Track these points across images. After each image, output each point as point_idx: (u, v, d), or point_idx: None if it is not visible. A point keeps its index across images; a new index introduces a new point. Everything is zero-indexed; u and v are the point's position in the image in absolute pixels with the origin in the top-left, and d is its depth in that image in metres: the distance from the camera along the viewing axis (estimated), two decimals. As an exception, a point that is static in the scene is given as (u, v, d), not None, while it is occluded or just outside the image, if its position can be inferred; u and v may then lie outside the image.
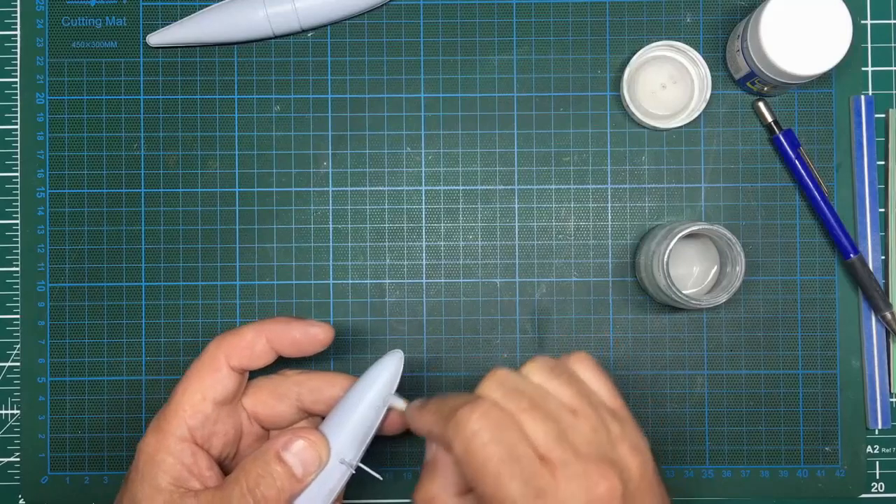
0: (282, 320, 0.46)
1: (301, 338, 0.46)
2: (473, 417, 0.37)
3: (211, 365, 0.45)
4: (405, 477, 0.55)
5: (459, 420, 0.38)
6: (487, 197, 0.55)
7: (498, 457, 0.37)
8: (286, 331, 0.45)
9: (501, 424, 0.37)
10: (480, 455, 0.37)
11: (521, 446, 0.37)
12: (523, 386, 0.40)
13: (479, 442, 0.37)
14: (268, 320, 0.46)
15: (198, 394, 0.44)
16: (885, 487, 0.55)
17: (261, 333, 0.45)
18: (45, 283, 0.55)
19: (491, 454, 0.37)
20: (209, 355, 0.45)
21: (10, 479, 0.55)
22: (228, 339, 0.45)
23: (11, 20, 0.56)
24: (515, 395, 0.39)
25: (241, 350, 0.45)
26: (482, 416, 0.38)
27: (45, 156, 0.55)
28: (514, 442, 0.37)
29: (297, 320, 0.46)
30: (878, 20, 0.56)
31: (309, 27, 0.54)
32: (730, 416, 0.55)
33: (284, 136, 0.55)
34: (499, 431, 0.37)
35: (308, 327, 0.46)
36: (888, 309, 0.54)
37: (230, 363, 0.45)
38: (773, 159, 0.55)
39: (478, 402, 0.38)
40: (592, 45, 0.55)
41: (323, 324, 0.46)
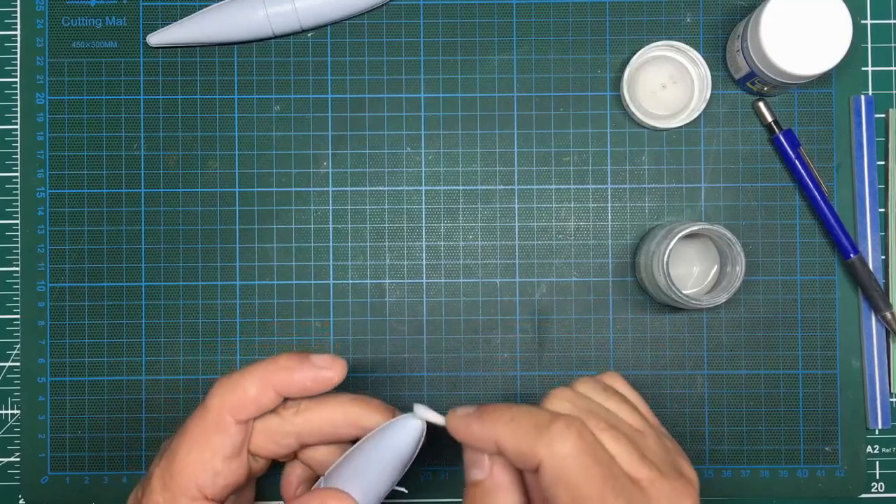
0: (288, 364, 0.42)
1: (312, 385, 0.42)
2: (571, 436, 0.36)
3: (217, 425, 0.42)
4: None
5: (555, 439, 0.36)
6: (487, 197, 0.55)
7: (599, 478, 0.35)
8: (295, 379, 0.42)
9: (596, 443, 0.37)
10: (581, 478, 0.35)
11: (615, 465, 0.37)
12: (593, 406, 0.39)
13: (580, 463, 0.36)
14: (272, 364, 0.42)
15: (206, 453, 0.41)
16: (885, 487, 0.55)
17: (267, 384, 0.42)
18: (45, 283, 0.55)
19: (593, 475, 0.35)
20: (214, 414, 0.42)
21: (10, 479, 0.55)
22: (233, 396, 0.42)
23: (11, 20, 0.56)
24: (592, 416, 0.38)
25: (248, 406, 0.42)
26: (579, 436, 0.36)
27: (45, 156, 0.55)
28: (608, 461, 0.36)
29: (305, 361, 0.42)
30: (878, 20, 0.56)
31: (309, 27, 0.54)
32: (730, 416, 0.55)
33: (284, 136, 0.55)
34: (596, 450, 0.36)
35: (319, 371, 0.42)
36: (888, 309, 0.54)
37: (237, 419, 0.42)
38: (773, 159, 0.55)
39: (570, 420, 0.37)
40: (592, 45, 0.55)
41: (335, 362, 0.42)
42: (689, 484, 0.38)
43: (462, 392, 0.55)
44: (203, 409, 0.42)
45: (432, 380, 0.55)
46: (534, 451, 0.36)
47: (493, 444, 0.38)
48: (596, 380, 0.42)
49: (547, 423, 0.37)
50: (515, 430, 0.37)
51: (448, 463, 0.55)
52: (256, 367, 0.42)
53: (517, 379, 0.55)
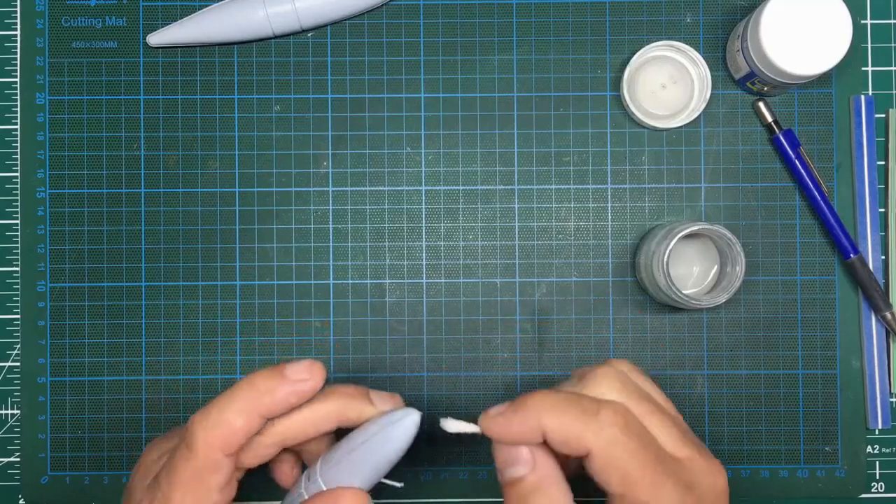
0: (267, 386, 0.40)
1: (296, 400, 0.41)
2: (619, 422, 0.37)
3: (209, 465, 0.40)
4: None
5: (604, 424, 0.36)
6: (487, 197, 0.55)
7: (649, 461, 0.36)
8: (278, 400, 0.40)
9: (642, 428, 0.38)
10: (631, 462, 0.36)
11: (660, 448, 0.38)
12: (640, 389, 0.40)
13: (629, 448, 0.36)
14: (250, 391, 0.40)
15: (201, 492, 0.40)
16: (885, 487, 0.55)
17: (252, 413, 0.40)
18: (45, 283, 0.55)
19: (642, 461, 0.36)
20: (203, 455, 0.40)
21: (10, 479, 0.55)
22: (219, 432, 0.40)
23: (11, 20, 0.56)
24: (641, 399, 0.39)
25: (237, 439, 0.40)
26: (625, 422, 0.37)
27: (45, 156, 0.55)
28: (655, 444, 0.38)
29: (282, 379, 0.41)
30: (878, 20, 0.56)
31: (309, 27, 0.54)
32: (730, 416, 0.55)
33: (284, 136, 0.55)
34: (643, 435, 0.37)
35: (297, 385, 0.41)
36: (888, 309, 0.54)
37: (227, 453, 0.40)
38: (773, 159, 0.55)
39: (616, 406, 0.37)
40: (592, 45, 0.55)
41: (312, 370, 0.41)
42: (719, 463, 0.39)
43: (462, 392, 0.55)
44: (189, 451, 0.40)
45: (432, 380, 0.55)
46: (583, 438, 0.36)
47: (538, 433, 0.37)
48: (624, 363, 0.42)
49: (595, 409, 0.37)
50: (561, 417, 0.37)
51: (448, 463, 0.55)
52: (235, 396, 0.40)
53: (517, 379, 0.55)
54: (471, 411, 0.54)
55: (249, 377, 0.41)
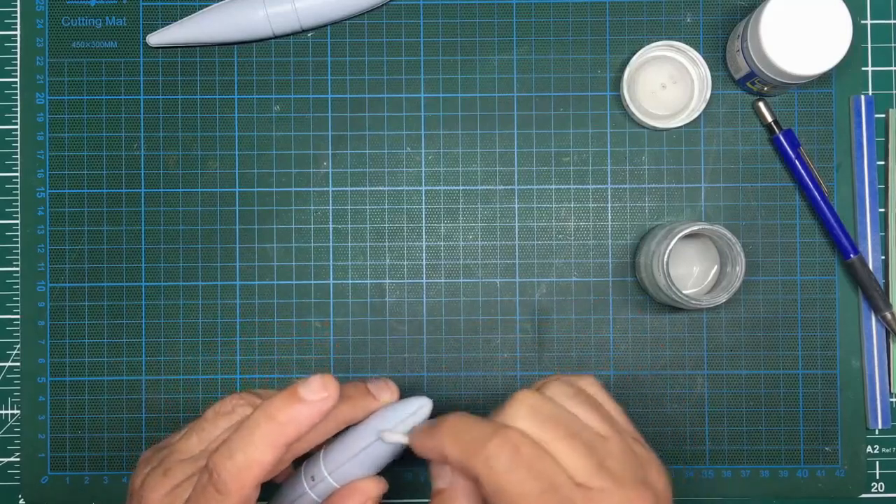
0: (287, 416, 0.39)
1: (319, 418, 0.40)
2: (505, 452, 0.36)
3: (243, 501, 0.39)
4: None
5: (490, 455, 0.36)
6: (487, 197, 0.55)
7: (536, 491, 0.36)
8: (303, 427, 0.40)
9: (535, 456, 0.37)
10: (517, 491, 0.36)
11: (559, 477, 0.36)
12: (557, 413, 0.39)
13: (515, 478, 0.36)
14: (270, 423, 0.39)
15: None
16: (885, 487, 0.55)
17: (278, 446, 0.39)
18: (45, 283, 0.55)
19: (528, 490, 0.36)
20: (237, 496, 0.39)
21: (10, 479, 0.55)
22: (251, 472, 0.39)
23: (11, 20, 0.56)
24: (550, 424, 0.38)
25: (269, 472, 0.40)
26: (514, 451, 0.36)
27: (45, 156, 0.55)
28: (550, 473, 0.36)
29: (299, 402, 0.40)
30: (878, 20, 0.56)
31: (309, 27, 0.54)
32: (730, 416, 0.55)
33: (284, 136, 0.55)
34: (534, 464, 0.36)
35: (317, 405, 0.40)
36: (888, 309, 0.54)
37: (257, 486, 0.40)
38: (773, 159, 0.55)
39: (508, 435, 0.37)
40: (592, 45, 0.55)
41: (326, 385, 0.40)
42: (650, 492, 0.38)
43: (462, 392, 0.55)
44: (220, 494, 0.39)
45: (432, 380, 0.55)
46: (472, 466, 0.37)
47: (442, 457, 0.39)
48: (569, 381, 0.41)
49: (486, 438, 0.37)
50: (457, 444, 0.38)
51: (448, 463, 0.55)
52: (258, 431, 0.39)
53: (517, 379, 0.55)
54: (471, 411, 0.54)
55: (266, 408, 0.40)
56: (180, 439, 0.45)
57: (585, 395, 0.41)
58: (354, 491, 0.43)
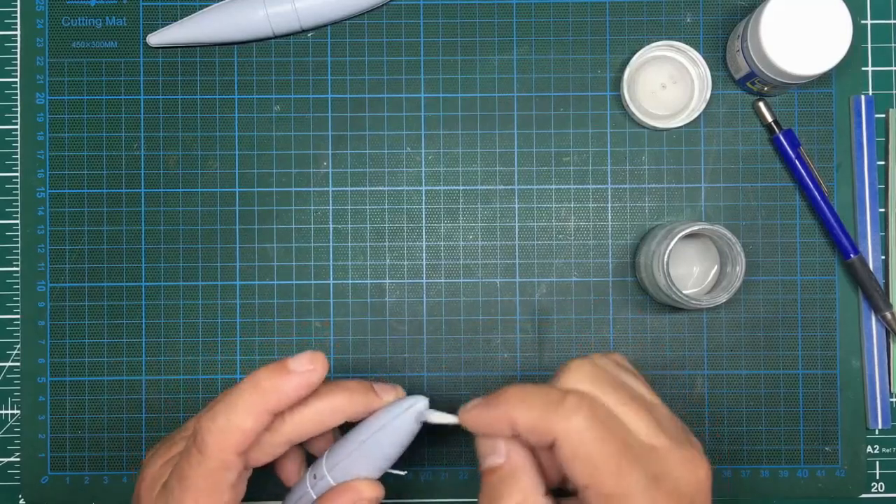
0: (272, 383, 0.40)
1: (304, 391, 0.41)
2: (583, 412, 0.37)
3: (223, 467, 0.40)
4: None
5: (568, 415, 0.37)
6: (487, 197, 0.55)
7: (614, 450, 0.36)
8: (286, 394, 0.40)
9: (609, 417, 0.38)
10: (596, 451, 0.36)
11: (630, 436, 0.38)
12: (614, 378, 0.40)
13: (595, 436, 0.37)
14: (256, 390, 0.40)
15: (215, 495, 0.40)
16: (885, 487, 0.55)
17: (261, 412, 0.40)
18: (45, 283, 0.55)
19: (607, 449, 0.36)
20: (216, 458, 0.40)
21: (10, 479, 0.55)
22: (230, 436, 0.40)
23: (11, 20, 0.56)
24: (612, 388, 0.39)
25: (249, 439, 0.40)
26: (590, 411, 0.37)
27: (45, 156, 0.55)
28: (623, 432, 0.37)
29: (286, 373, 0.40)
30: (878, 20, 0.56)
31: (309, 27, 0.54)
32: (730, 416, 0.55)
33: (284, 136, 0.55)
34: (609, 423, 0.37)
35: (303, 377, 0.40)
36: (888, 309, 0.54)
37: (239, 453, 0.40)
38: (773, 159, 0.55)
39: (583, 396, 0.38)
40: (592, 45, 0.55)
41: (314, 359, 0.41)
42: (701, 455, 0.39)
43: (462, 392, 0.55)
44: (200, 455, 0.40)
45: (432, 380, 0.55)
46: (549, 427, 0.37)
47: (509, 426, 0.38)
48: (608, 356, 0.43)
49: (559, 398, 0.37)
50: (529, 408, 0.38)
51: (448, 463, 0.55)
52: (242, 396, 0.40)
53: (517, 379, 0.55)
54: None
55: (253, 376, 0.40)
56: (191, 419, 0.46)
57: (626, 366, 0.42)
58: (347, 489, 0.43)
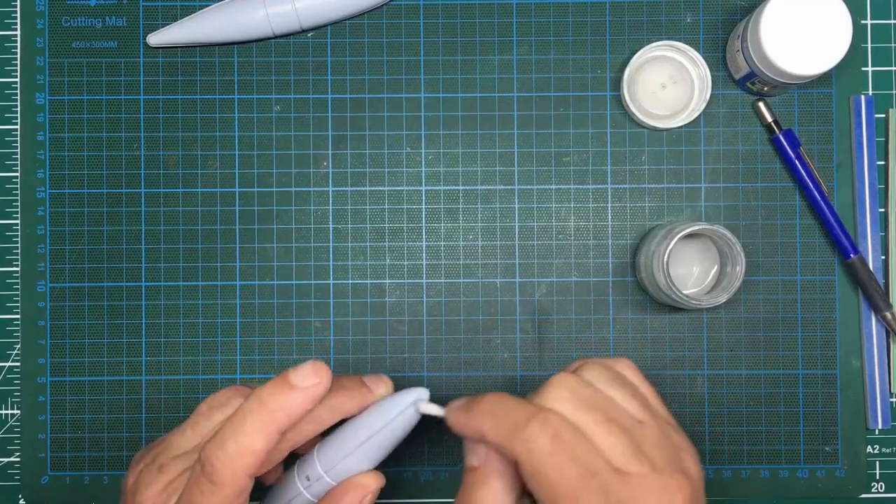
0: (279, 403, 0.39)
1: (311, 405, 0.40)
2: (545, 436, 0.36)
3: (238, 492, 0.39)
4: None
5: (529, 438, 0.36)
6: (487, 197, 0.55)
7: (576, 475, 0.36)
8: (295, 414, 0.39)
9: (575, 441, 0.36)
10: (556, 475, 0.36)
11: (597, 461, 0.36)
12: (595, 397, 0.38)
13: (555, 462, 0.36)
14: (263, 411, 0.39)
15: None
16: (885, 487, 0.55)
17: (271, 433, 0.39)
18: (45, 283, 0.55)
19: (568, 474, 0.36)
20: (230, 484, 0.38)
21: (10, 479, 0.55)
22: (244, 460, 0.38)
23: (11, 20, 0.56)
24: (589, 407, 0.38)
25: (262, 461, 0.39)
26: (555, 434, 0.36)
27: (45, 156, 0.55)
28: (589, 458, 0.36)
29: (290, 389, 0.39)
30: (878, 20, 0.56)
31: (309, 27, 0.54)
32: (730, 416, 0.55)
33: (284, 136, 0.55)
34: (573, 448, 0.36)
35: (309, 391, 0.39)
36: (888, 309, 0.54)
37: (252, 476, 0.39)
38: (773, 159, 0.55)
39: (548, 418, 0.37)
40: (592, 45, 0.55)
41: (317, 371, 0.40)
42: (686, 479, 0.37)
43: (462, 392, 0.55)
44: (213, 484, 0.38)
45: (432, 380, 0.55)
46: (511, 448, 0.37)
47: (479, 436, 0.38)
48: (605, 365, 0.41)
49: (525, 420, 0.37)
50: (496, 425, 0.38)
51: (448, 463, 0.55)
52: (248, 419, 0.39)
53: (517, 379, 0.55)
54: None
55: (257, 397, 0.39)
56: (173, 435, 0.44)
57: (622, 378, 0.41)
58: (352, 487, 0.42)
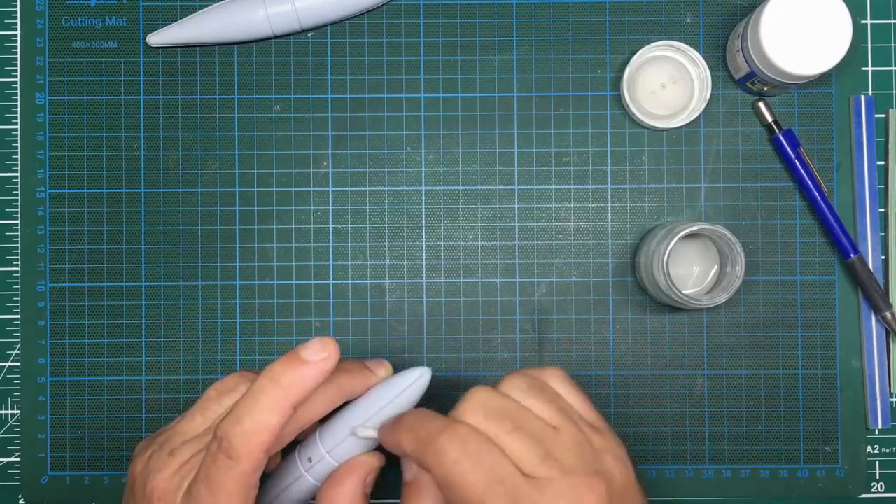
0: (290, 379, 0.40)
1: (322, 379, 0.41)
2: (453, 446, 0.38)
3: (255, 468, 0.40)
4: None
5: (439, 448, 0.38)
6: (487, 197, 0.55)
7: (482, 482, 0.37)
8: (307, 388, 0.40)
9: (482, 449, 0.38)
10: (463, 482, 0.37)
11: (505, 468, 0.38)
12: (506, 406, 0.40)
13: (462, 469, 0.38)
14: (275, 387, 0.40)
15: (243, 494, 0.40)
16: (885, 487, 0.55)
17: (285, 409, 0.40)
18: (45, 283, 0.55)
19: (474, 480, 0.37)
20: (247, 460, 0.39)
21: (10, 479, 0.55)
22: (260, 436, 0.39)
23: (11, 20, 0.56)
24: (498, 418, 0.40)
25: (278, 435, 0.40)
26: (462, 444, 0.38)
27: (45, 156, 0.55)
28: (496, 465, 0.38)
29: (301, 364, 0.40)
30: (878, 20, 0.56)
31: (309, 27, 0.54)
32: (730, 416, 0.55)
33: (284, 136, 0.55)
34: (480, 456, 0.38)
35: (319, 365, 0.40)
36: (888, 309, 0.54)
37: (268, 453, 0.40)
38: (773, 159, 0.55)
39: (456, 429, 0.39)
40: (592, 45, 0.55)
41: (325, 346, 0.41)
42: (602, 480, 0.39)
43: (462, 392, 0.55)
44: (231, 460, 0.39)
45: (432, 380, 0.55)
46: (423, 458, 0.39)
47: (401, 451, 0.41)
48: (527, 375, 0.42)
49: (438, 432, 0.39)
50: (413, 439, 0.40)
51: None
52: (264, 396, 0.40)
53: (517, 379, 0.55)
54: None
55: (269, 374, 0.40)
56: (181, 421, 0.45)
57: (541, 387, 0.42)
58: (356, 465, 0.43)
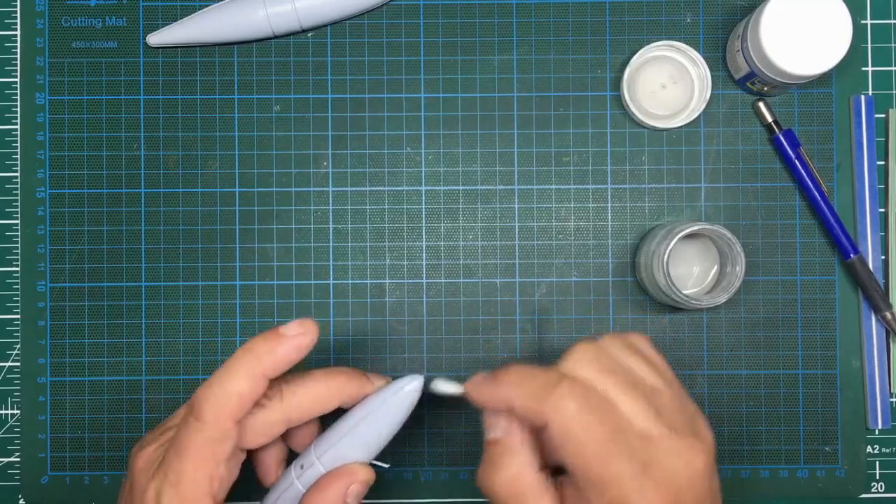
0: (266, 347, 0.41)
1: (296, 356, 0.41)
2: (575, 398, 0.38)
3: (221, 434, 0.40)
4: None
5: (559, 400, 0.38)
6: (487, 197, 0.55)
7: (603, 436, 0.37)
8: (280, 358, 0.41)
9: (602, 403, 0.38)
10: (584, 436, 0.37)
11: (623, 423, 0.38)
12: (615, 364, 0.40)
13: (585, 422, 0.37)
14: (250, 355, 0.41)
15: (211, 463, 0.40)
16: (885, 487, 0.55)
17: (257, 376, 0.40)
18: (45, 283, 0.55)
19: (596, 435, 0.37)
20: (213, 425, 0.40)
21: (10, 479, 0.55)
22: (229, 402, 0.40)
23: (11, 20, 0.56)
24: (611, 374, 0.40)
25: (246, 404, 0.41)
26: (584, 398, 0.38)
27: (45, 156, 0.55)
28: (615, 419, 0.38)
29: (280, 338, 0.41)
30: (878, 20, 0.56)
31: (309, 27, 0.54)
32: (730, 417, 0.55)
33: (284, 136, 0.55)
34: (600, 410, 0.38)
35: (296, 340, 0.41)
36: (888, 309, 0.54)
37: (235, 420, 0.41)
38: (773, 159, 0.55)
39: (575, 382, 0.39)
40: (592, 45, 0.55)
41: (304, 325, 0.42)
42: (703, 443, 0.39)
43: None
44: (198, 422, 0.40)
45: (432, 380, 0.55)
46: (540, 412, 0.38)
47: (505, 405, 0.40)
48: (622, 337, 0.43)
49: (553, 384, 0.38)
50: (524, 392, 0.39)
51: (448, 463, 0.55)
52: (237, 363, 0.41)
53: (517, 379, 0.55)
54: (471, 411, 0.54)
55: (247, 344, 0.41)
56: (174, 417, 0.47)
57: (638, 349, 0.43)
58: (341, 473, 0.43)
